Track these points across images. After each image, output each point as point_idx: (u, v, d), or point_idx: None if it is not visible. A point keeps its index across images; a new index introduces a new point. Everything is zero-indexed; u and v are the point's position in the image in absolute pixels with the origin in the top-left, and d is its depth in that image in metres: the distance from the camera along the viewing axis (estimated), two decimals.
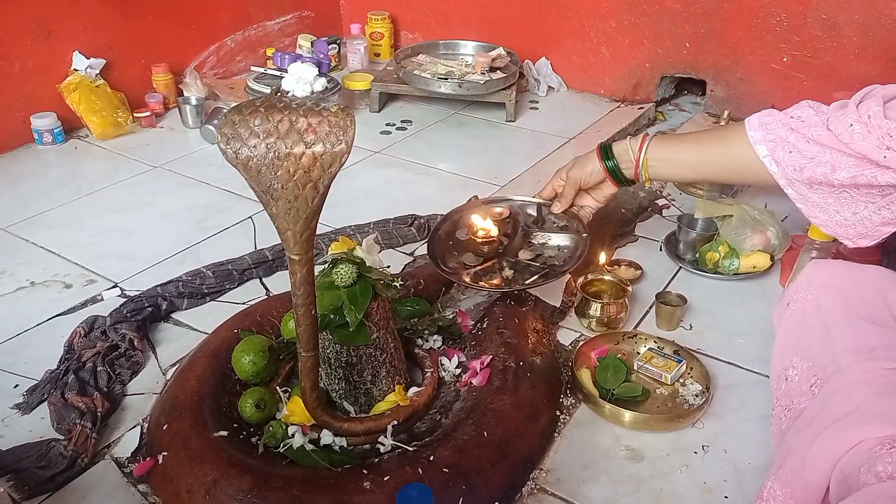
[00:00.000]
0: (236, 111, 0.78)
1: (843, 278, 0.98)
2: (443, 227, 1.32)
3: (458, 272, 1.21)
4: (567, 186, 1.23)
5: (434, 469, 0.88)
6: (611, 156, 1.16)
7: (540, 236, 1.29)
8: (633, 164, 1.14)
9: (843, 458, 0.74)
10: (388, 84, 2.20)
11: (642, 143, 1.13)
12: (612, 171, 1.17)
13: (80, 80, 1.95)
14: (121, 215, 1.62)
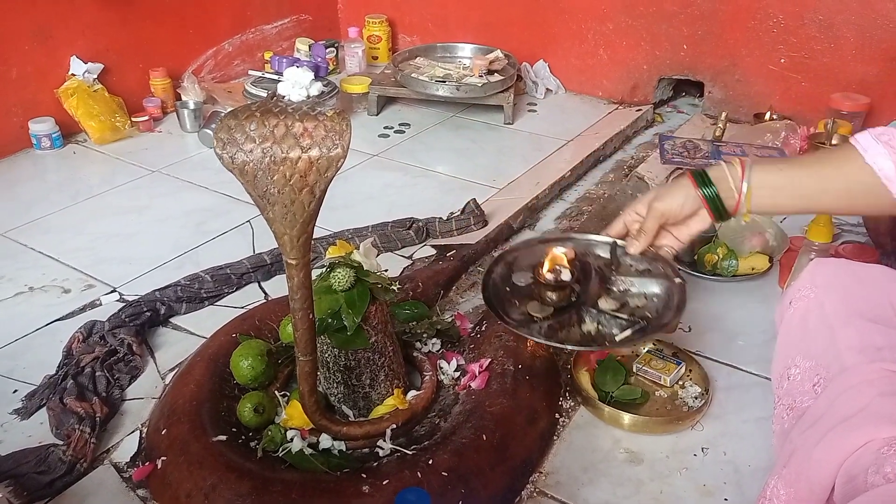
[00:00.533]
0: (232, 116, 0.78)
1: (845, 277, 0.97)
2: (496, 269, 1.08)
3: (528, 326, 0.98)
4: (649, 219, 0.99)
5: (433, 473, 0.88)
6: (709, 182, 0.94)
7: (620, 281, 1.04)
8: (734, 192, 0.92)
9: (850, 459, 0.73)
10: (385, 87, 2.20)
11: (743, 168, 0.93)
12: (713, 199, 0.94)
13: (78, 84, 1.95)
14: (119, 220, 1.62)
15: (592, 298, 1.01)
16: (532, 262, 1.05)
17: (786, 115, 2.00)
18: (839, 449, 0.74)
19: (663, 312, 1.00)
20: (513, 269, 1.08)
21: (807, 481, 0.77)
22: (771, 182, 0.92)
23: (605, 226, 1.56)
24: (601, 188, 1.83)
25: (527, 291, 1.03)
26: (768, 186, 0.92)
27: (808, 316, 0.97)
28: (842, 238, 1.53)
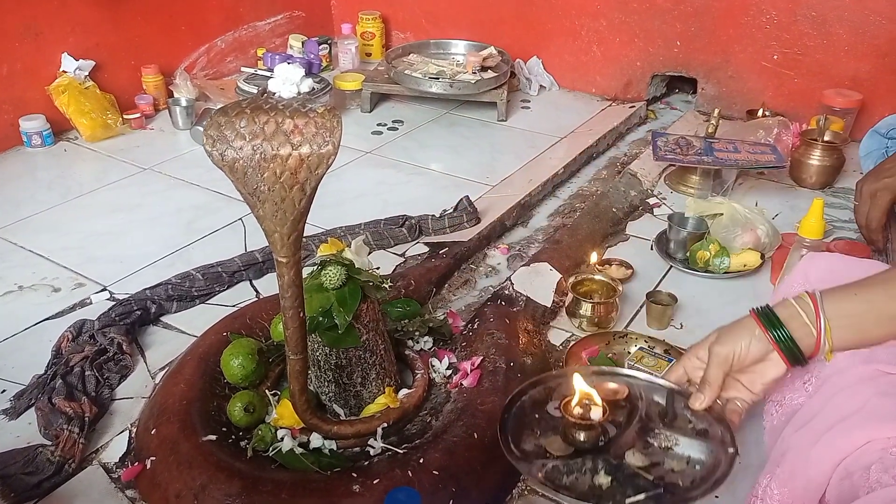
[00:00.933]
0: (222, 113, 0.77)
1: (839, 273, 0.97)
2: (531, 391, 0.96)
3: (531, 461, 0.85)
4: (712, 368, 0.85)
5: (424, 471, 0.88)
6: (778, 322, 0.81)
7: (664, 437, 0.88)
8: (810, 330, 0.80)
9: (849, 458, 0.73)
10: (379, 84, 2.20)
11: (816, 305, 0.80)
12: (786, 343, 0.80)
13: (69, 81, 1.94)
14: (110, 218, 1.61)
15: (622, 448, 0.86)
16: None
17: (778, 111, 2.00)
18: (838, 448, 0.74)
19: (697, 484, 0.84)
20: (552, 396, 0.95)
21: (803, 480, 0.77)
22: (849, 310, 0.80)
23: (598, 221, 1.58)
24: (594, 185, 1.83)
25: (555, 425, 0.90)
26: (847, 316, 0.80)
27: None
28: (833, 234, 1.54)
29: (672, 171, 1.82)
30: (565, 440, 0.87)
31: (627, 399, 0.91)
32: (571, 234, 1.51)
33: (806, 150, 1.74)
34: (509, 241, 1.57)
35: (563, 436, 0.87)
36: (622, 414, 0.90)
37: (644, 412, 0.88)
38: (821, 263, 1.00)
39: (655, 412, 0.90)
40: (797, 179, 1.78)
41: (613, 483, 0.83)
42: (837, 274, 0.97)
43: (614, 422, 0.89)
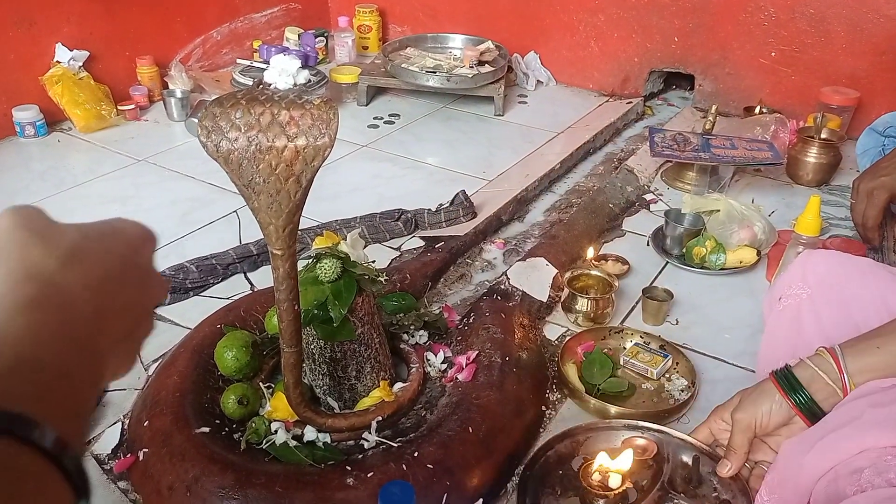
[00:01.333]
0: (217, 104, 0.77)
1: (838, 274, 0.96)
2: (558, 445, 0.94)
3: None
4: (736, 434, 0.85)
5: (418, 465, 0.88)
6: (798, 386, 0.82)
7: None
8: (833, 389, 0.80)
9: (840, 464, 0.73)
10: (375, 77, 2.19)
11: (838, 364, 0.80)
12: (806, 405, 0.81)
13: (63, 72, 1.93)
14: (104, 209, 1.60)
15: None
16: (605, 448, 0.92)
17: (776, 108, 2.00)
18: (832, 456, 0.74)
19: None
20: (578, 451, 0.95)
21: (793, 485, 0.77)
22: (873, 365, 0.79)
23: (594, 217, 1.58)
24: (591, 180, 1.83)
25: (577, 486, 0.89)
26: (871, 370, 0.79)
27: (802, 320, 0.96)
28: (829, 232, 1.54)
29: (669, 168, 1.81)
30: (585, 502, 0.87)
31: (655, 458, 0.91)
32: (568, 229, 1.51)
33: (803, 147, 1.74)
34: (505, 236, 1.56)
35: (581, 500, 0.87)
36: (646, 476, 0.90)
37: (668, 477, 0.88)
38: (817, 260, 1.00)
39: (680, 476, 0.90)
40: (794, 177, 1.78)
41: None
42: (833, 269, 0.97)
43: (636, 484, 0.88)
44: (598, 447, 0.94)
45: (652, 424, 0.97)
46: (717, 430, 0.91)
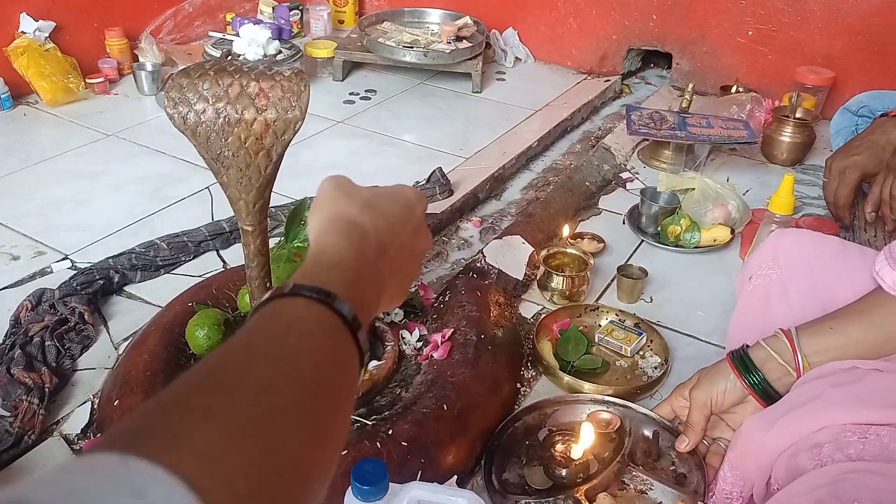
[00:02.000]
0: (184, 74, 0.74)
1: (809, 254, 0.98)
2: (526, 417, 0.99)
3: (506, 496, 0.88)
4: (693, 412, 0.89)
5: (393, 443, 0.87)
6: (752, 367, 0.84)
7: (641, 479, 0.89)
8: (788, 370, 0.83)
9: (800, 440, 0.74)
10: (351, 52, 2.15)
11: (792, 343, 0.83)
12: (760, 386, 0.84)
13: (29, 43, 1.87)
14: (72, 185, 1.56)
15: (597, 489, 0.87)
16: (570, 420, 0.97)
17: (752, 87, 2.01)
18: (792, 433, 0.75)
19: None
20: (545, 422, 0.98)
21: (755, 461, 0.79)
22: (827, 344, 0.82)
23: (571, 195, 1.58)
24: (568, 159, 1.82)
25: (541, 456, 0.93)
26: (826, 350, 0.82)
27: (771, 298, 0.97)
28: (803, 211, 1.55)
29: (645, 146, 1.81)
30: (547, 474, 0.90)
31: (617, 432, 0.95)
32: (544, 207, 1.50)
33: (778, 126, 1.75)
34: (482, 214, 1.56)
35: (545, 469, 0.91)
36: (609, 448, 0.93)
37: (629, 450, 0.91)
38: (788, 241, 1.01)
39: (641, 450, 0.94)
40: (768, 156, 1.79)
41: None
42: (804, 249, 0.98)
43: (598, 457, 0.92)
44: (565, 420, 0.98)
45: (616, 399, 1.01)
46: (677, 406, 0.94)
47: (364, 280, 0.45)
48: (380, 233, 0.49)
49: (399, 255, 0.50)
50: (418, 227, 0.54)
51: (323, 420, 0.35)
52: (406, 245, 0.51)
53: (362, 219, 0.49)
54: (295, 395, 0.34)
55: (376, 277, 0.47)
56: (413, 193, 0.55)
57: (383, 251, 0.49)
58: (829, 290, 0.93)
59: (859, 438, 0.70)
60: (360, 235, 0.47)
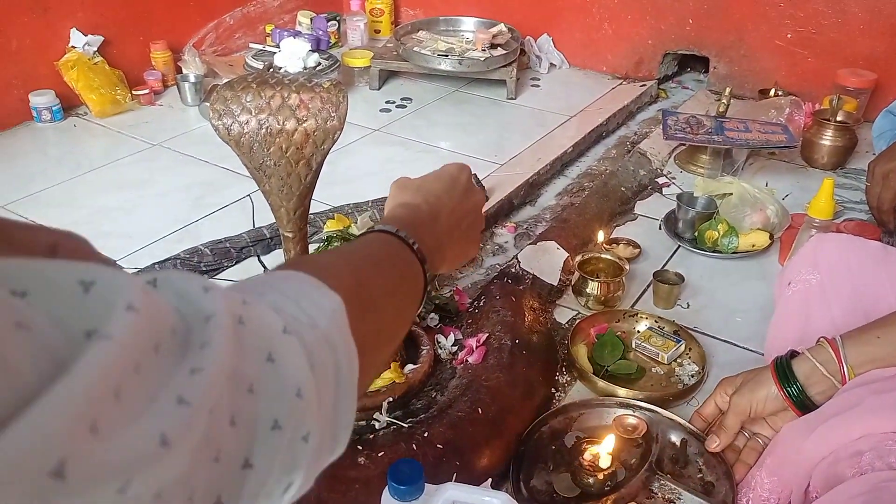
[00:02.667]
0: (228, 87, 0.77)
1: (849, 260, 0.96)
2: (552, 421, 0.98)
3: (535, 501, 0.88)
4: (730, 415, 0.89)
5: (428, 445, 0.89)
6: (792, 379, 0.84)
7: (669, 489, 0.89)
8: (831, 382, 0.82)
9: (840, 448, 0.74)
10: (387, 61, 2.18)
11: (837, 354, 0.82)
12: (797, 398, 0.83)
13: (78, 57, 1.94)
14: (119, 193, 1.62)
15: (624, 498, 0.86)
16: (596, 424, 0.98)
17: (791, 91, 1.98)
18: (833, 440, 0.74)
19: None
20: (570, 427, 0.98)
21: (793, 468, 0.78)
22: (873, 355, 0.81)
23: (606, 200, 1.58)
24: (603, 164, 1.82)
25: (569, 461, 0.93)
26: (872, 361, 0.81)
27: (811, 304, 0.96)
28: (844, 215, 1.52)
29: (682, 151, 1.80)
30: (574, 481, 0.90)
31: (644, 437, 0.94)
32: (579, 212, 1.51)
33: (818, 130, 1.72)
34: (516, 220, 1.57)
35: (572, 476, 0.91)
36: (635, 454, 0.93)
37: (656, 457, 0.90)
38: (829, 245, 1.00)
39: (668, 456, 0.94)
40: (808, 160, 1.76)
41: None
42: (845, 254, 0.97)
43: (625, 463, 0.92)
44: (591, 424, 0.98)
45: (643, 403, 1.00)
46: (721, 403, 0.93)
47: (423, 234, 0.58)
48: (430, 205, 0.63)
49: (452, 217, 0.65)
50: (466, 190, 0.69)
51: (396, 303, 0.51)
52: (456, 208, 0.66)
53: (416, 199, 0.64)
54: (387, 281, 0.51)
55: (434, 235, 0.61)
56: (455, 167, 0.70)
57: (436, 217, 0.63)
58: (871, 296, 0.91)
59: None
60: (414, 209, 0.62)
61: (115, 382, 0.23)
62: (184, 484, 0.25)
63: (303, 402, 0.32)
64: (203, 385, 0.27)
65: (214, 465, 0.27)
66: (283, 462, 0.31)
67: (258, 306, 0.33)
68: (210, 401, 0.27)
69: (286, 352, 0.32)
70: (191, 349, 0.27)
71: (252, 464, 0.30)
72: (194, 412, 0.26)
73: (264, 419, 0.30)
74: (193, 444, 0.26)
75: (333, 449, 0.38)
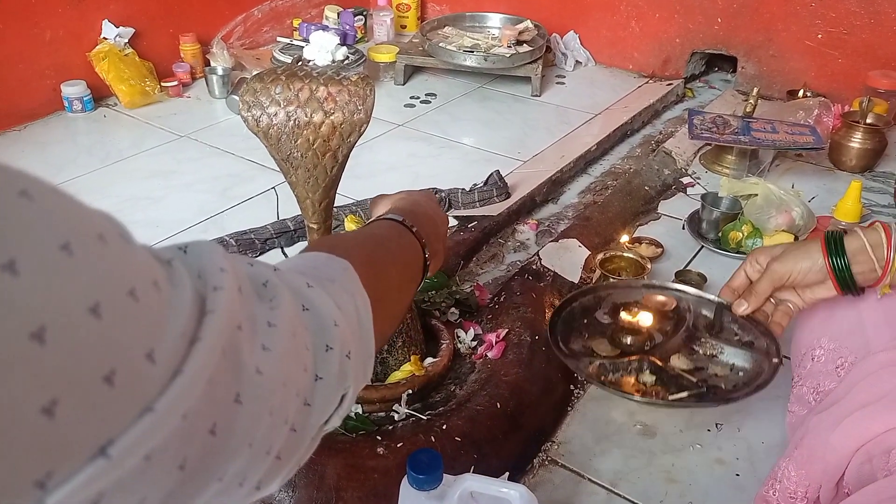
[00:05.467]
0: (258, 79, 0.79)
1: None
2: (582, 298, 1.06)
3: (579, 358, 0.95)
4: (764, 281, 0.88)
5: (447, 438, 0.90)
6: (841, 252, 0.83)
7: (710, 345, 0.97)
8: (874, 265, 0.81)
9: (870, 443, 0.73)
10: (413, 56, 2.19)
11: (889, 236, 0.81)
12: (841, 273, 0.83)
13: (110, 48, 1.97)
14: (147, 183, 1.65)
15: (668, 353, 0.92)
16: (627, 300, 1.02)
17: (820, 92, 1.95)
18: (859, 434, 0.74)
19: (739, 388, 0.91)
20: (601, 305, 1.04)
21: (821, 463, 0.77)
22: None
23: (629, 199, 1.57)
24: (627, 163, 1.81)
25: (603, 329, 0.98)
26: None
27: (836, 302, 0.95)
28: (871, 218, 1.50)
29: (707, 151, 1.79)
30: (612, 343, 0.96)
31: (675, 311, 0.98)
32: (602, 211, 1.50)
33: (847, 132, 1.70)
34: (539, 217, 1.57)
35: (610, 339, 0.96)
36: (669, 324, 0.98)
37: (691, 323, 0.95)
38: None
39: (703, 324, 0.98)
40: (836, 162, 1.74)
41: (657, 382, 0.92)
42: None
43: (661, 330, 0.97)
44: (619, 301, 1.03)
45: (672, 284, 1.06)
46: (752, 272, 0.92)
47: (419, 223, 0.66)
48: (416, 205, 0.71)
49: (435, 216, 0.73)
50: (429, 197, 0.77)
51: (398, 271, 0.60)
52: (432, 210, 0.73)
53: (402, 203, 0.71)
54: (390, 254, 0.60)
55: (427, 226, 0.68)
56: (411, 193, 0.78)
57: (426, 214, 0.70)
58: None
59: None
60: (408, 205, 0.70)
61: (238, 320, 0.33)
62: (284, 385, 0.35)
63: (339, 330, 0.42)
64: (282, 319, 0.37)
65: (304, 374, 0.38)
66: (338, 374, 0.41)
67: (287, 273, 0.42)
68: (291, 329, 0.37)
69: (315, 299, 0.42)
70: (264, 302, 0.37)
71: (321, 377, 0.40)
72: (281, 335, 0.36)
73: (320, 345, 0.40)
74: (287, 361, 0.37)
75: (366, 373, 0.47)
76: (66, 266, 0.23)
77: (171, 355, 0.27)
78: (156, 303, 0.28)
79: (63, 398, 0.22)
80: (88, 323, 0.24)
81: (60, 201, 0.25)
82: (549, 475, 0.95)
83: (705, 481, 0.94)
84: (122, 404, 0.25)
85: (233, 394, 0.31)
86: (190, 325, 0.29)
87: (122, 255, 0.27)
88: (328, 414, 0.42)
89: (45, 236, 0.23)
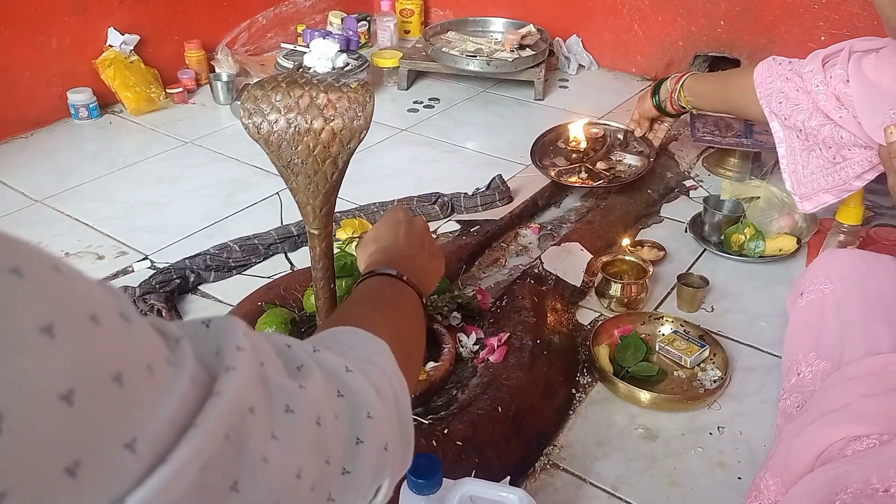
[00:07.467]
0: (258, 86, 0.79)
1: (860, 269, 0.97)
2: (549, 135, 1.74)
3: (548, 169, 1.63)
4: (636, 114, 1.60)
5: (448, 442, 0.90)
6: (657, 91, 1.49)
7: (618, 154, 1.69)
8: (668, 95, 1.47)
9: (825, 452, 0.75)
10: (416, 61, 2.20)
11: (679, 80, 1.43)
12: (659, 107, 1.50)
13: (115, 55, 1.99)
14: (152, 189, 1.66)
15: (594, 161, 1.64)
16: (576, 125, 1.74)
17: None
18: (815, 442, 0.77)
19: (631, 176, 1.61)
20: (560, 137, 1.75)
21: (791, 472, 0.79)
22: (699, 91, 1.41)
23: (632, 203, 1.57)
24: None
25: (560, 151, 1.71)
26: (696, 95, 1.42)
27: (825, 314, 0.96)
28: (874, 221, 1.50)
29: (710, 154, 1.79)
30: (566, 158, 1.67)
31: (603, 136, 1.72)
32: (604, 214, 1.51)
33: None
34: (541, 221, 1.57)
35: (564, 157, 1.68)
36: (599, 144, 1.69)
37: (610, 143, 1.70)
38: (840, 258, 1.00)
39: (617, 142, 1.72)
40: None
41: (587, 178, 1.62)
42: (857, 265, 0.97)
43: (594, 148, 1.68)
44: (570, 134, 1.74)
45: (604, 122, 1.80)
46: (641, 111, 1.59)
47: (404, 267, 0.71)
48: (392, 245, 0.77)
49: (412, 246, 0.77)
50: (408, 222, 0.82)
51: (414, 330, 0.65)
52: (410, 238, 0.78)
53: (380, 246, 0.77)
54: (404, 316, 0.64)
55: (410, 264, 0.73)
56: (391, 211, 0.84)
57: (402, 251, 0.76)
58: (880, 302, 0.91)
59: (849, 442, 0.72)
60: (385, 252, 0.75)
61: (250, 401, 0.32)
62: (298, 477, 0.34)
63: (374, 422, 0.41)
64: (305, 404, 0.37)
65: (326, 466, 0.37)
66: (374, 468, 0.40)
67: (326, 352, 0.43)
68: (314, 417, 0.36)
69: (353, 385, 0.41)
70: (292, 383, 0.37)
71: (349, 470, 0.39)
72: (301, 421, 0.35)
73: (350, 438, 0.39)
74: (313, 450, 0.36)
75: (405, 461, 0.46)
76: (41, 350, 0.22)
77: (156, 444, 0.26)
78: (146, 388, 0.26)
79: (14, 490, 0.21)
80: (56, 411, 0.22)
81: (54, 279, 0.24)
82: (551, 479, 0.95)
83: (707, 485, 0.94)
84: (84, 497, 0.23)
85: (230, 481, 0.29)
86: (183, 411, 0.27)
87: (114, 337, 0.25)
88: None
89: (26, 317, 0.22)
